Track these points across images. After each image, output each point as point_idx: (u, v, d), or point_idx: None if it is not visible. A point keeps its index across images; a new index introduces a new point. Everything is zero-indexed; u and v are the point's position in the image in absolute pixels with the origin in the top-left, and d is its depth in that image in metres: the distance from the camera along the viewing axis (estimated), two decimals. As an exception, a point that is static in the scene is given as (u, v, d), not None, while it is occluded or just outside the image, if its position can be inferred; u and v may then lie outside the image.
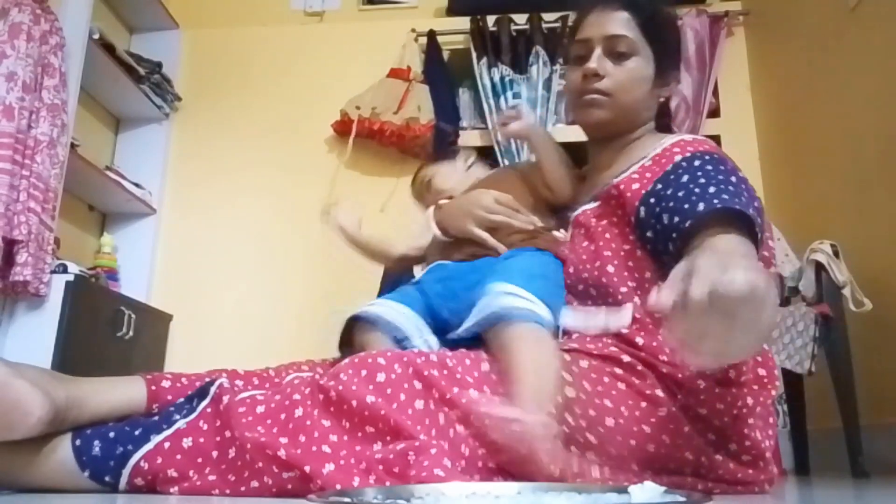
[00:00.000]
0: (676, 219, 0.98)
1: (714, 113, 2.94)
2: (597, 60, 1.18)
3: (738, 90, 2.99)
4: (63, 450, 0.93)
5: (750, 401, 1.02)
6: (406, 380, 0.93)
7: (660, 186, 1.06)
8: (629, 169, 1.16)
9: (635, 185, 1.11)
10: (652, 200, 1.06)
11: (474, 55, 2.99)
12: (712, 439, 1.00)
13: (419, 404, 0.91)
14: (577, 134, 1.35)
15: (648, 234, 1.06)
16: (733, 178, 1.01)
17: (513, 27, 3.03)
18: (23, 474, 0.92)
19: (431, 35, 3.07)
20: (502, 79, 2.93)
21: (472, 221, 1.27)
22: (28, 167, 2.17)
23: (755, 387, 1.03)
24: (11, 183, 2.11)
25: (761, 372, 1.05)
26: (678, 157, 1.09)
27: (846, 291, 1.87)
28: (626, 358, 1.00)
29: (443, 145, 2.80)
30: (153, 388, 1.04)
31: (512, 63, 2.97)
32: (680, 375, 1.00)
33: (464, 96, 3.11)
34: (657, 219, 1.03)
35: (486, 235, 1.26)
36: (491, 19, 3.03)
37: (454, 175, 1.48)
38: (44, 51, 2.28)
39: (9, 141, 2.12)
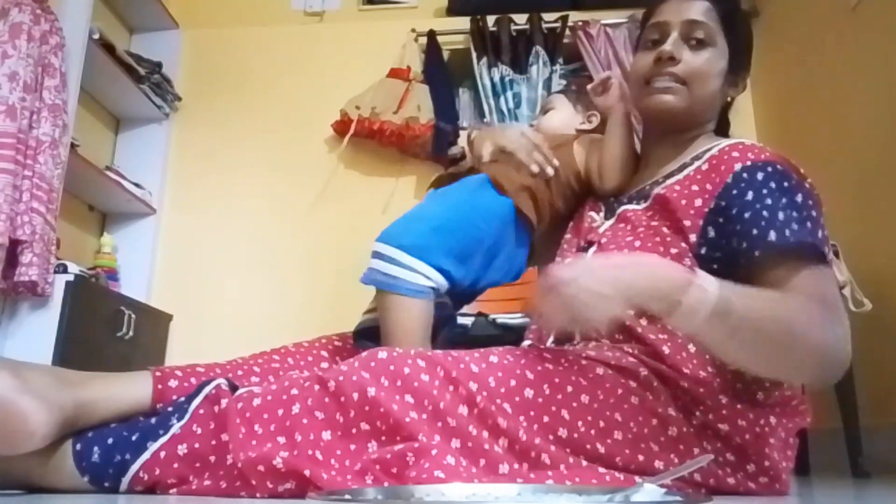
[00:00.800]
0: (745, 244, 0.97)
1: (714, 113, 2.93)
2: (673, 44, 1.12)
3: (738, 90, 2.98)
4: (63, 453, 0.92)
5: (773, 420, 1.00)
6: (408, 357, 0.91)
7: (724, 204, 1.02)
8: (679, 172, 1.12)
9: (696, 200, 1.06)
10: (721, 220, 1.02)
11: (474, 55, 2.99)
12: (731, 459, 0.98)
13: (425, 377, 0.89)
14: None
15: (717, 254, 1.03)
16: (798, 198, 0.99)
17: (513, 27, 3.02)
18: (23, 475, 0.92)
19: (431, 35, 3.07)
20: (502, 79, 2.93)
21: (487, 145, 1.25)
22: (31, 167, 2.17)
23: (778, 409, 1.02)
24: (14, 183, 2.11)
25: (790, 396, 1.04)
26: (738, 166, 1.04)
27: (846, 291, 1.86)
28: (643, 372, 0.98)
29: (442, 145, 2.80)
30: (159, 386, 1.03)
31: (512, 63, 2.96)
32: (702, 390, 0.98)
33: (464, 96, 3.11)
34: (727, 241, 1.01)
35: (485, 155, 1.24)
36: (491, 19, 3.03)
37: (560, 122, 1.40)
38: (44, 51, 2.28)
39: (11, 141, 2.11)
